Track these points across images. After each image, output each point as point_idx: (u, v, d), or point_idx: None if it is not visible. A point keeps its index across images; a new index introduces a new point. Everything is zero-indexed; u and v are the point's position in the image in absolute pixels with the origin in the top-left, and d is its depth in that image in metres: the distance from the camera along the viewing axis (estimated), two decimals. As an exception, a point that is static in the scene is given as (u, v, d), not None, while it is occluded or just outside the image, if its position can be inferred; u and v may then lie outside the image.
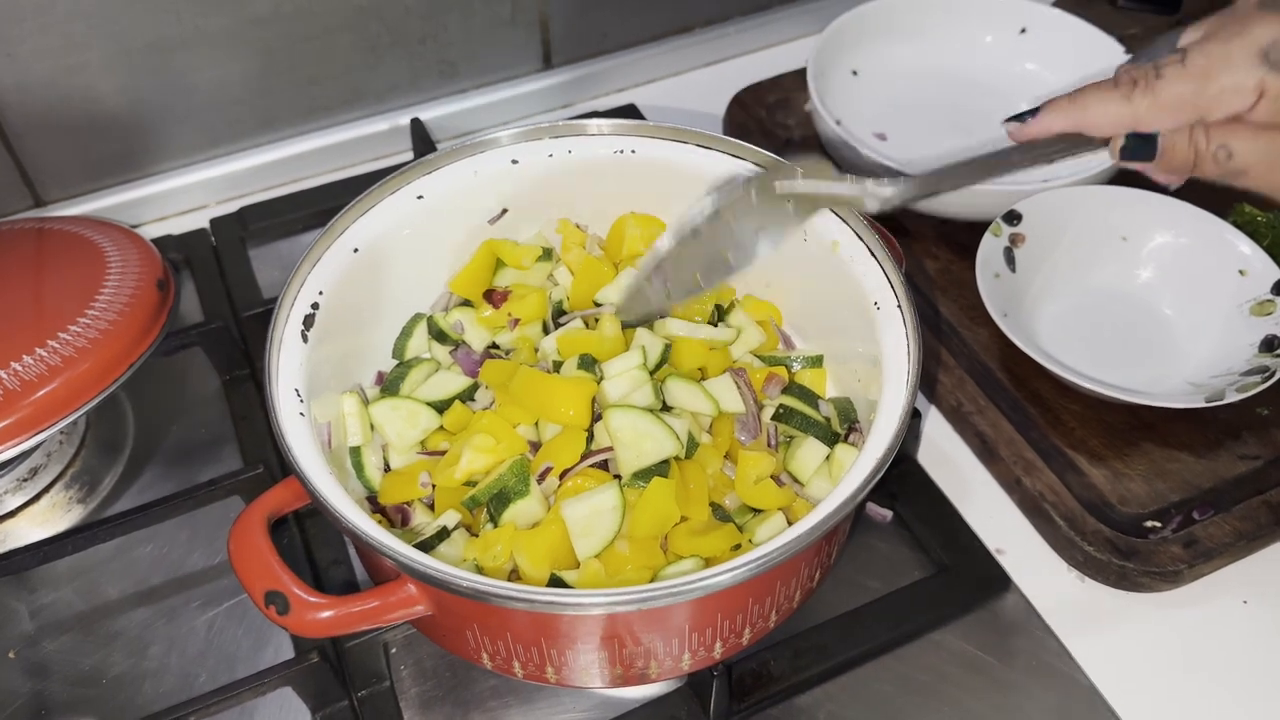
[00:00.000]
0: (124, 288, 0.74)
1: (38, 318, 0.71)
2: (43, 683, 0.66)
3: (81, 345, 0.69)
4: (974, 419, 0.76)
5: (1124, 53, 0.92)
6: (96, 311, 0.72)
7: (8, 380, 0.67)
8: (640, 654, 0.56)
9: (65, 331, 0.70)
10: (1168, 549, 0.68)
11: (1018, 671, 0.66)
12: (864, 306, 0.65)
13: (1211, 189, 0.87)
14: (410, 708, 0.64)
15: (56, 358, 0.69)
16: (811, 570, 0.61)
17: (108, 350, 0.70)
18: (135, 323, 0.72)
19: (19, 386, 0.67)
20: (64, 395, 0.68)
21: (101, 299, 0.72)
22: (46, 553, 0.68)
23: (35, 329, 0.70)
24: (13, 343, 0.69)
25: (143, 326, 0.73)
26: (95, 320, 0.71)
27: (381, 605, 0.55)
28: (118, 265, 0.76)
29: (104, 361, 0.70)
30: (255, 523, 0.56)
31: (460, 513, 0.63)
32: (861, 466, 0.55)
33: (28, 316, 0.72)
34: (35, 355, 0.68)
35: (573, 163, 0.74)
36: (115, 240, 0.80)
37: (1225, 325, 0.76)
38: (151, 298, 0.75)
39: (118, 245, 0.79)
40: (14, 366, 0.68)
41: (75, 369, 0.69)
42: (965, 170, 0.61)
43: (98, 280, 0.74)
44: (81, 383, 0.69)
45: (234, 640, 0.68)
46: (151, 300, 0.75)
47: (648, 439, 0.62)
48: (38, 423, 0.67)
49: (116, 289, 0.74)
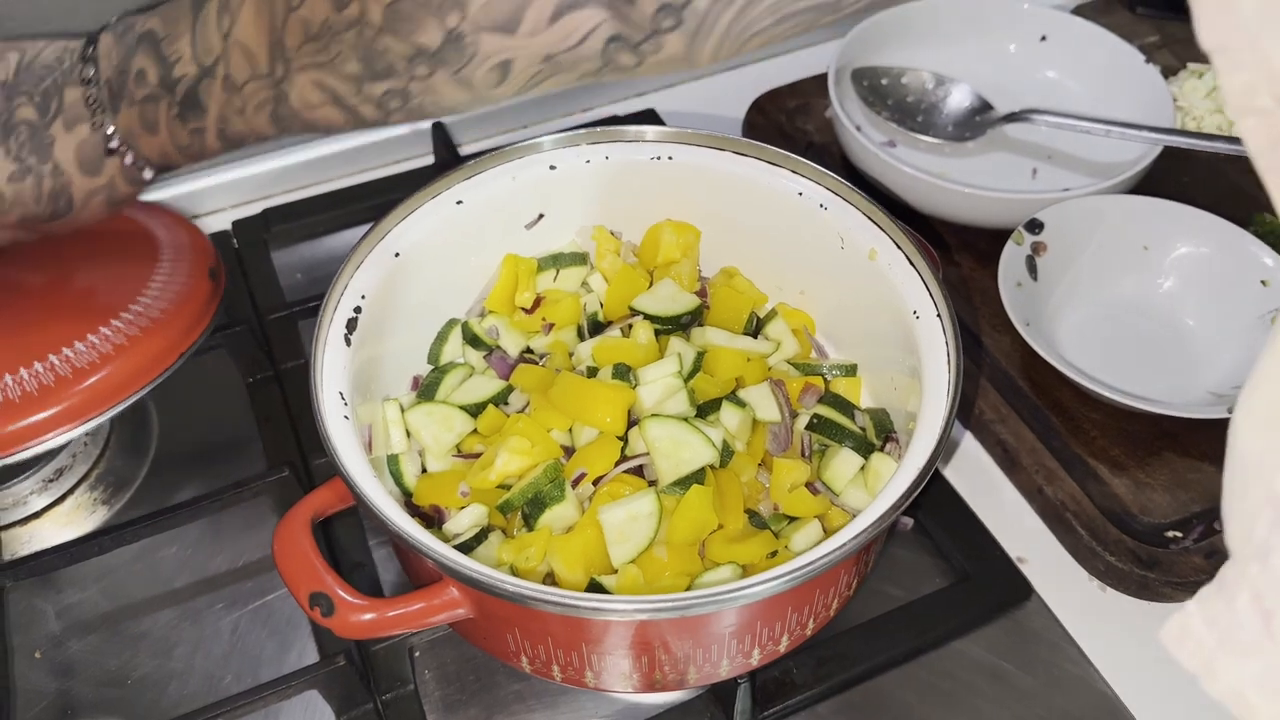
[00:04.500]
0: (176, 276, 0.73)
1: (89, 304, 0.70)
2: (69, 683, 0.67)
3: (133, 334, 0.69)
4: (995, 427, 0.76)
5: (1144, 61, 0.92)
6: (149, 299, 0.71)
7: (59, 367, 0.67)
8: (680, 660, 0.57)
9: (117, 319, 0.69)
10: (1189, 559, 0.68)
11: (1039, 680, 0.66)
12: (902, 315, 0.65)
13: (1233, 199, 0.88)
14: (434, 711, 0.65)
15: (108, 345, 0.68)
16: (850, 578, 0.61)
17: (159, 339, 0.70)
18: (187, 312, 0.72)
19: (70, 373, 0.66)
20: (115, 383, 0.68)
21: (153, 286, 0.71)
22: (73, 554, 0.69)
23: (87, 315, 0.69)
24: (64, 329, 0.68)
25: (194, 315, 0.72)
26: (147, 308, 0.70)
27: (425, 608, 0.55)
28: (170, 252, 0.75)
29: (155, 350, 0.69)
30: (300, 524, 0.57)
31: (493, 515, 0.64)
32: (904, 475, 0.55)
33: (80, 302, 0.71)
34: (87, 342, 0.68)
35: (610, 169, 0.74)
36: (167, 226, 0.78)
37: (1247, 335, 0.76)
38: (203, 287, 0.74)
39: (169, 231, 0.77)
40: (65, 353, 0.67)
41: (126, 357, 0.68)
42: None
43: (149, 267, 0.73)
44: (132, 371, 0.68)
45: (258, 642, 0.69)
46: (203, 289, 0.74)
47: (685, 448, 0.63)
48: (88, 410, 0.67)
49: (168, 277, 0.73)
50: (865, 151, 0.86)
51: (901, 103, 0.92)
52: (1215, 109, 0.95)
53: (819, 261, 0.72)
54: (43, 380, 0.66)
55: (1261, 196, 0.80)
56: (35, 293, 0.72)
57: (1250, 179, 0.91)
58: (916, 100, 0.92)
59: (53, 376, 0.66)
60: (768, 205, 0.73)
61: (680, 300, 0.74)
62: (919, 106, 0.91)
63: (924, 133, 0.90)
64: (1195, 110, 0.95)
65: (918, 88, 0.92)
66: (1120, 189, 0.83)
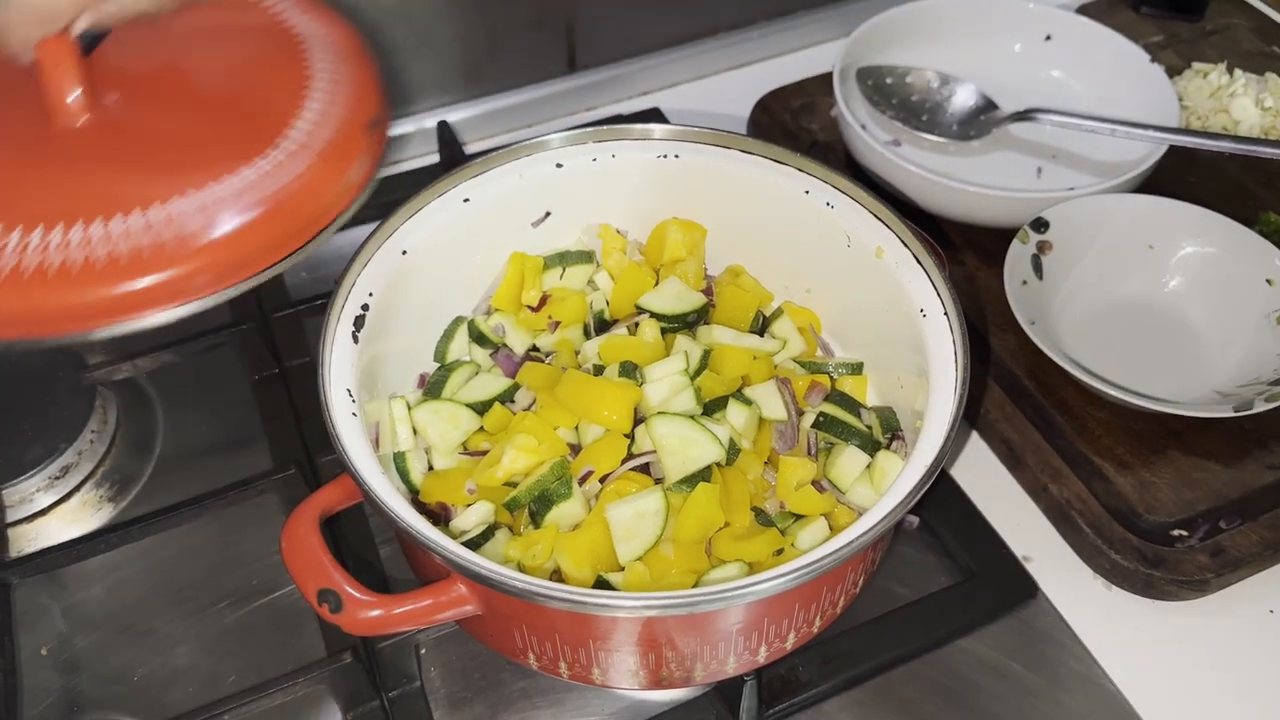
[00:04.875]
0: (328, 119, 0.60)
1: (212, 145, 0.58)
2: (75, 679, 0.67)
3: (262, 189, 0.56)
4: (1001, 426, 0.76)
5: (1149, 60, 0.92)
6: (293, 145, 0.58)
7: (162, 223, 0.54)
8: (687, 657, 0.57)
9: (241, 170, 0.56)
10: (1194, 558, 0.68)
11: (1044, 679, 0.66)
12: (909, 313, 0.65)
13: (1238, 198, 0.88)
14: (440, 708, 0.65)
15: (230, 202, 0.56)
16: (857, 576, 0.61)
17: (298, 200, 0.57)
18: (334, 171, 0.59)
19: (176, 234, 0.54)
20: (235, 255, 0.56)
21: (297, 130, 0.59)
22: (79, 551, 0.69)
23: (206, 161, 0.57)
24: (174, 176, 0.56)
25: (343, 177, 0.59)
26: (289, 160, 0.57)
27: (433, 604, 0.55)
28: (324, 86, 0.61)
29: (289, 219, 0.57)
30: (308, 521, 0.57)
31: (500, 512, 0.64)
32: (911, 473, 0.55)
33: (199, 142, 0.59)
34: (202, 195, 0.55)
35: (616, 167, 0.74)
36: (324, 44, 0.64)
37: (1253, 334, 0.76)
38: (356, 143, 0.60)
39: (327, 53, 0.63)
40: (172, 206, 0.55)
41: (252, 225, 0.56)
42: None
43: (294, 103, 0.60)
44: (257, 243, 0.56)
45: (264, 639, 0.69)
46: (355, 147, 0.60)
47: (693, 445, 0.63)
48: (202, 284, 0.55)
49: (318, 120, 0.59)
50: (870, 150, 0.86)
51: (906, 102, 0.92)
52: (1220, 108, 0.95)
53: (825, 260, 0.72)
54: (146, 235, 0.54)
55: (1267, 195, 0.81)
56: (149, 120, 0.60)
57: (1255, 178, 0.91)
58: (921, 99, 0.92)
59: (159, 231, 0.54)
60: (774, 204, 0.73)
61: (686, 298, 0.74)
62: (924, 105, 0.91)
63: (929, 132, 0.90)
64: (1200, 109, 0.95)
65: (923, 87, 0.92)
66: (1125, 188, 0.83)
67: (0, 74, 0.58)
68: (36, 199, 0.55)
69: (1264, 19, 1.08)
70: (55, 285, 0.53)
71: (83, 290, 0.53)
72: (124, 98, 0.59)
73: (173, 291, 0.55)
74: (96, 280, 0.53)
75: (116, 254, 0.53)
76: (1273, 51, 1.05)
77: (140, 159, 0.57)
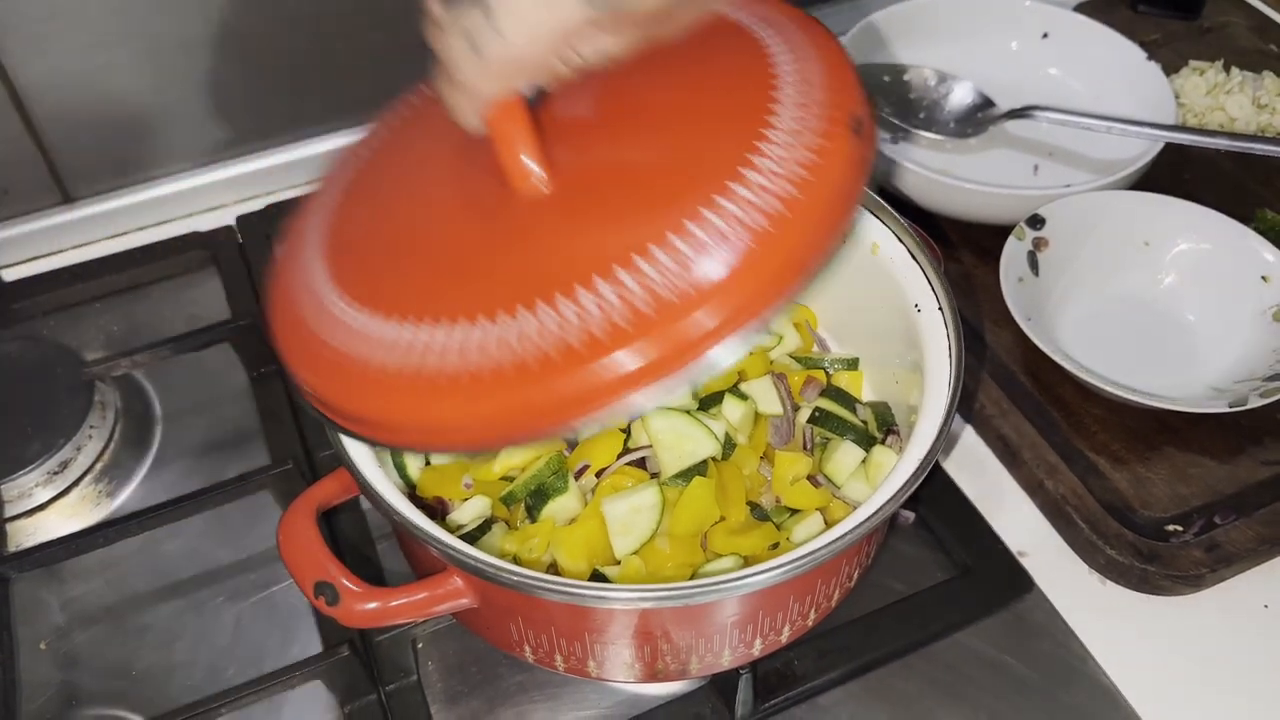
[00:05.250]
0: (806, 126, 0.49)
1: (678, 177, 0.50)
2: (73, 674, 0.67)
3: (739, 223, 0.47)
4: (996, 422, 0.76)
5: (1145, 58, 0.92)
6: (764, 168, 0.48)
7: (644, 280, 0.46)
8: (682, 650, 0.57)
9: (715, 201, 0.47)
10: (1189, 553, 0.68)
11: (1040, 673, 0.66)
12: (904, 309, 0.65)
13: (1234, 195, 0.88)
14: (437, 702, 0.65)
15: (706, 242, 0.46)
16: (851, 569, 0.61)
17: (788, 231, 0.47)
18: (824, 186, 0.48)
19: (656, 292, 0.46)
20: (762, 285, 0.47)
21: (775, 143, 0.49)
22: (77, 546, 0.69)
23: (676, 195, 0.48)
24: (648, 219, 0.48)
25: (836, 188, 0.49)
26: (757, 188, 0.47)
27: (429, 597, 0.55)
28: (792, 86, 0.51)
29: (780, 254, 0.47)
30: (304, 514, 0.57)
31: (496, 507, 0.64)
32: (905, 467, 0.56)
33: (664, 173, 0.51)
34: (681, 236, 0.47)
35: None
36: (790, 41, 0.54)
37: (1248, 331, 0.77)
38: (842, 145, 0.49)
39: (792, 49, 0.53)
40: (652, 258, 0.46)
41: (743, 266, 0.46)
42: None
43: (759, 112, 0.50)
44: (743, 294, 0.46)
45: (262, 634, 0.69)
46: (843, 149, 0.49)
47: (688, 440, 0.63)
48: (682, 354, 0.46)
49: (795, 130, 0.49)
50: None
51: (903, 99, 0.92)
52: (1216, 106, 0.95)
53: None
54: (629, 297, 0.46)
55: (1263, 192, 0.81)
56: (611, 162, 0.53)
57: (1251, 175, 0.92)
58: (918, 97, 0.92)
59: (641, 293, 0.46)
60: (771, 200, 0.72)
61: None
62: (921, 103, 0.92)
63: (926, 129, 0.90)
64: (1196, 107, 0.95)
65: (919, 84, 0.92)
66: (1122, 185, 0.83)
67: (443, 141, 0.55)
68: (528, 275, 0.48)
69: (1261, 17, 1.08)
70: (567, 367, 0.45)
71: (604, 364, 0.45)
72: (580, 141, 0.53)
73: (682, 349, 0.46)
74: (613, 349, 0.45)
75: (627, 315, 0.45)
76: (1269, 50, 1.05)
77: (614, 209, 0.50)
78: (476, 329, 0.47)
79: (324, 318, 0.52)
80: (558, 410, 0.46)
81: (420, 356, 0.48)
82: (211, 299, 0.88)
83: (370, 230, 0.56)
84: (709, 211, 0.47)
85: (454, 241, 0.52)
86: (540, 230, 0.50)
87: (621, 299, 0.46)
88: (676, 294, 0.45)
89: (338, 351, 0.50)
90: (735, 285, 0.46)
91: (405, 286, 0.51)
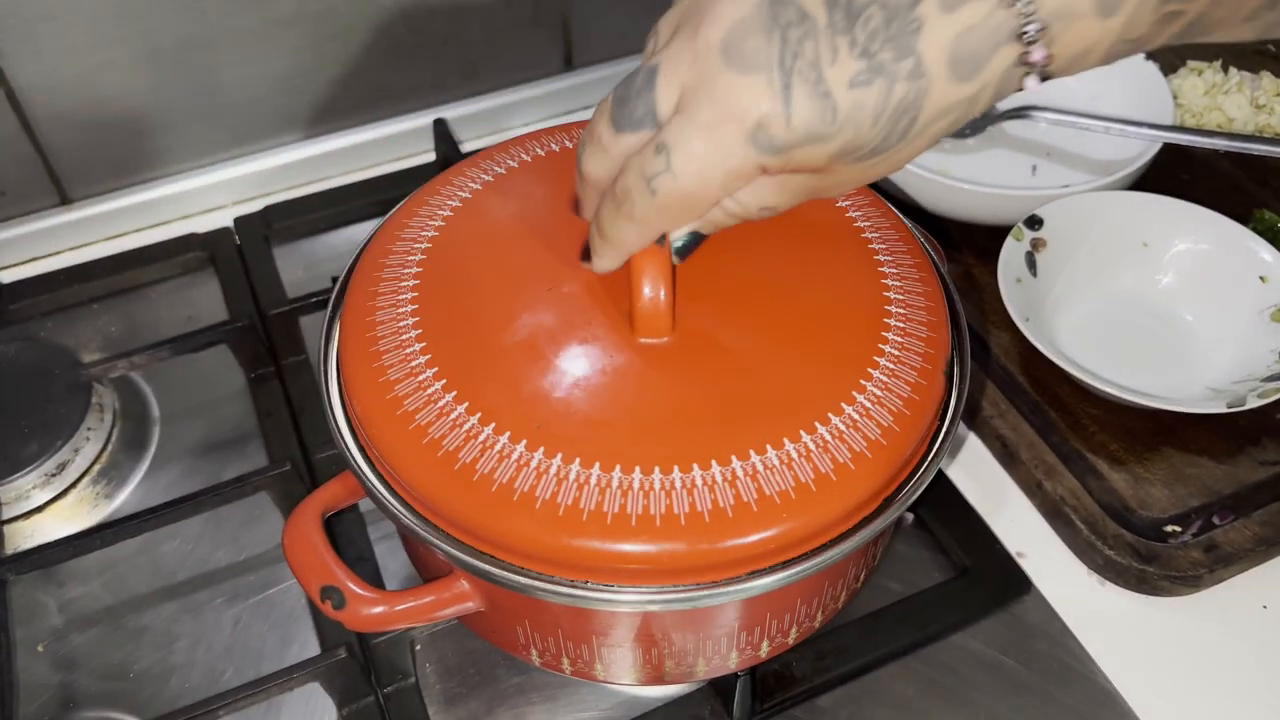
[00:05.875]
0: (904, 367, 0.54)
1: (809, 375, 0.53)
2: (71, 675, 0.67)
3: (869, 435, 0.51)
4: (995, 422, 0.76)
5: (1143, 58, 0.92)
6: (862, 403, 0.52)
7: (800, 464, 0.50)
8: (690, 652, 0.57)
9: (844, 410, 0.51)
10: (1188, 553, 0.68)
11: (1038, 674, 0.66)
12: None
13: (1232, 196, 0.88)
14: (435, 704, 0.65)
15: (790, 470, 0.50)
16: (858, 571, 0.62)
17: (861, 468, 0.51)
18: (911, 427, 0.53)
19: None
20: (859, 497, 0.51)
21: (871, 387, 0.53)
22: (75, 548, 0.69)
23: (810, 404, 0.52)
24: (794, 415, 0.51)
25: (918, 432, 0.53)
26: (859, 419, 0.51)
27: (436, 600, 0.55)
28: (901, 319, 0.56)
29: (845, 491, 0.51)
30: (310, 518, 0.56)
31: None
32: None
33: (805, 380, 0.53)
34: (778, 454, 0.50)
35: None
36: (898, 258, 0.59)
37: (1246, 331, 0.77)
38: (935, 390, 0.54)
39: (901, 274, 0.58)
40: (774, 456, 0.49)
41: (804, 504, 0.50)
42: None
43: (876, 330, 0.55)
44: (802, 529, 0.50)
45: (259, 636, 0.69)
46: (935, 395, 0.54)
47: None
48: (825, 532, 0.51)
49: (895, 368, 0.54)
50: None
51: None
52: (1214, 106, 0.95)
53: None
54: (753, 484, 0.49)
55: (1261, 192, 0.81)
56: (737, 340, 0.54)
57: (1249, 175, 0.92)
58: (916, 97, 0.92)
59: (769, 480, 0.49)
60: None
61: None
62: (919, 103, 0.91)
63: (924, 129, 0.90)
64: (1194, 107, 0.95)
65: None
66: (1120, 185, 0.83)
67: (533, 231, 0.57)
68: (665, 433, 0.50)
69: (1259, 17, 1.08)
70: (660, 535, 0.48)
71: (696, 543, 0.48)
72: (707, 312, 0.55)
73: (778, 548, 0.50)
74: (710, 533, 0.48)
75: (725, 504, 0.49)
76: (1267, 50, 1.05)
77: (734, 391, 0.52)
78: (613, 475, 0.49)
79: (443, 425, 0.51)
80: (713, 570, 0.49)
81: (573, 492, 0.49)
82: (209, 300, 0.88)
83: (471, 335, 0.55)
84: (815, 431, 0.51)
85: (571, 370, 0.53)
86: (662, 383, 0.52)
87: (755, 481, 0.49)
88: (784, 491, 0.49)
89: (471, 469, 0.50)
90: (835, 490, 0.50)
91: (526, 408, 0.51)
